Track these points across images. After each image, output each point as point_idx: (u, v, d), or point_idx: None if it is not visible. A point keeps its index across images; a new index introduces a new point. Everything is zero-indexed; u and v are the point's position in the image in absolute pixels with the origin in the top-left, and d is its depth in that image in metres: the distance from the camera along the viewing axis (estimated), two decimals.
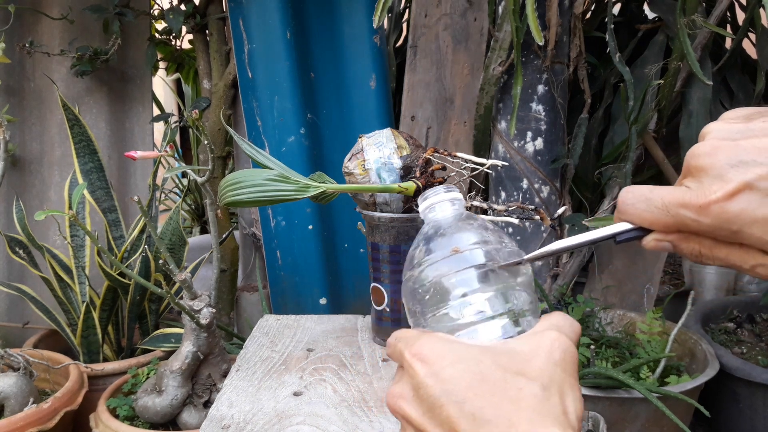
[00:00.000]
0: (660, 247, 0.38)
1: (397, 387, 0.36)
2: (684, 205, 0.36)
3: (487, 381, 0.33)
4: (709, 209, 0.35)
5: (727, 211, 0.34)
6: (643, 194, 0.37)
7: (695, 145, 0.37)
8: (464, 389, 0.33)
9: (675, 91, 1.73)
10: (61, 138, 1.81)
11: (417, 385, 0.35)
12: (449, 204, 0.46)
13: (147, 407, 1.19)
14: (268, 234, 1.80)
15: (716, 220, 0.35)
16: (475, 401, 0.32)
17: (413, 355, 0.36)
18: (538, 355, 0.35)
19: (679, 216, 0.36)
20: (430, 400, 0.34)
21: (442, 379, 0.34)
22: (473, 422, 0.32)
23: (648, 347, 1.53)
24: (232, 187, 0.76)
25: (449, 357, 0.35)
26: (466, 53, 1.90)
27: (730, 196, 0.34)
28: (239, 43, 1.77)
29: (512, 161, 1.78)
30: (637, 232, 0.39)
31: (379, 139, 0.79)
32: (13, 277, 1.78)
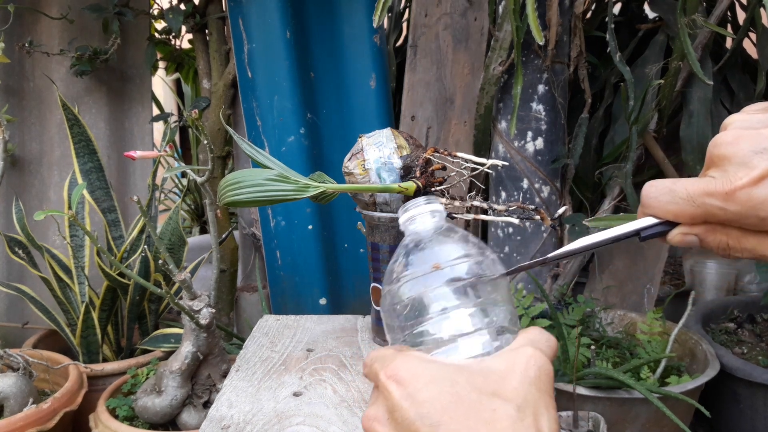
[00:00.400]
0: (686, 241, 0.37)
1: (372, 409, 0.36)
2: (710, 193, 0.35)
3: (462, 403, 0.33)
4: (735, 196, 0.34)
5: (754, 196, 0.34)
6: (666, 186, 0.37)
7: (717, 135, 0.36)
8: (439, 412, 0.33)
9: (675, 90, 1.73)
10: (61, 138, 1.81)
11: (392, 408, 0.34)
12: (429, 216, 0.45)
13: (146, 407, 1.19)
14: (268, 234, 1.80)
15: (743, 207, 0.34)
16: (450, 425, 0.32)
17: (388, 377, 0.35)
18: (514, 374, 0.34)
19: (705, 205, 0.35)
20: (405, 423, 0.33)
21: (417, 402, 0.33)
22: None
23: (648, 347, 1.53)
24: (231, 187, 0.76)
25: (423, 378, 0.34)
26: (466, 53, 1.89)
27: (756, 181, 0.34)
28: (239, 42, 1.77)
29: (512, 161, 1.78)
30: (662, 227, 0.38)
31: (379, 139, 0.79)
32: (12, 277, 1.78)
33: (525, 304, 1.55)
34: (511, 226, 1.81)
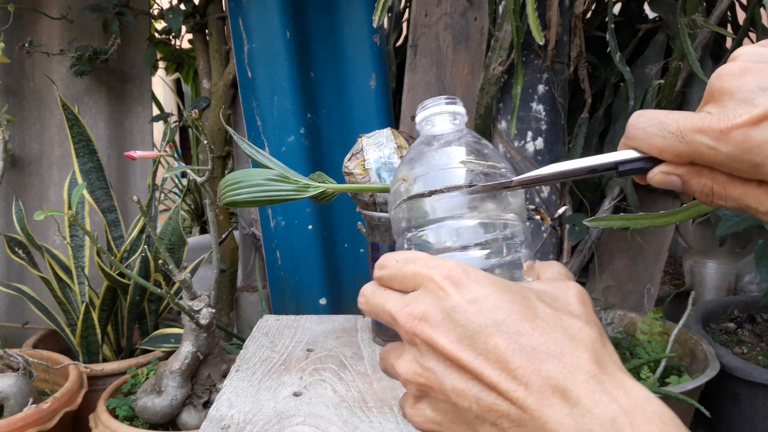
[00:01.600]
0: (667, 181, 0.34)
1: (417, 306, 0.31)
2: (702, 130, 0.31)
3: (539, 316, 0.30)
4: (730, 135, 0.30)
5: (751, 138, 0.30)
6: (656, 117, 0.33)
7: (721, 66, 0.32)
8: (517, 321, 0.29)
9: (676, 90, 1.73)
10: (61, 138, 1.81)
11: (450, 309, 0.30)
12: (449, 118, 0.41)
13: (146, 407, 1.19)
14: (268, 234, 1.80)
15: (737, 148, 0.30)
16: (533, 334, 0.29)
17: (445, 277, 0.31)
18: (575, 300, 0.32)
19: (694, 143, 0.31)
20: (473, 326, 0.29)
21: (486, 307, 0.29)
22: (533, 356, 0.28)
23: (648, 347, 1.53)
24: (231, 187, 0.76)
25: (489, 285, 0.30)
26: (466, 53, 1.89)
27: (756, 121, 0.30)
28: (239, 42, 1.77)
29: (512, 161, 1.78)
30: (643, 162, 0.34)
31: (379, 139, 0.79)
32: (12, 277, 1.77)
33: None
34: None
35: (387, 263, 0.34)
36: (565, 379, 0.27)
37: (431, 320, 0.30)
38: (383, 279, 0.34)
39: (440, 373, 0.30)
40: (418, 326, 0.30)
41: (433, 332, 0.30)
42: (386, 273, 0.34)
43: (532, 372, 0.28)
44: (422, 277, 0.32)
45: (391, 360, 0.33)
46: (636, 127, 0.33)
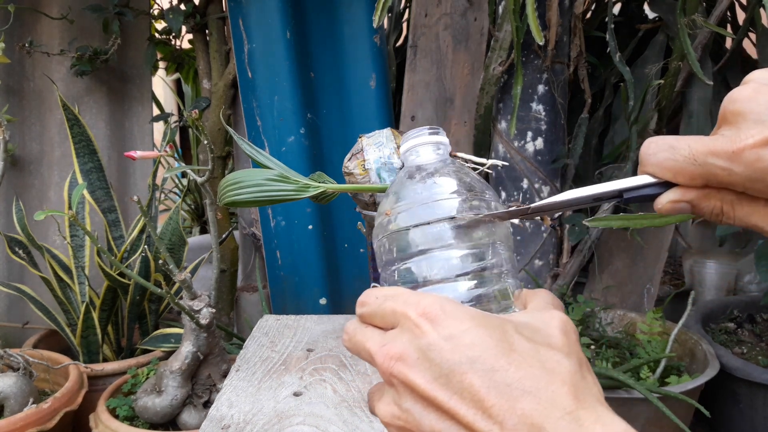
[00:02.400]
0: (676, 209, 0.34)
1: (394, 346, 0.31)
2: (714, 152, 0.31)
3: (516, 350, 0.29)
4: (742, 155, 0.30)
5: (764, 158, 0.30)
6: (668, 142, 0.33)
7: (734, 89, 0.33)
8: (493, 356, 0.29)
9: (675, 90, 1.73)
10: (61, 138, 1.81)
11: (426, 347, 0.30)
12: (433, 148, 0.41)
13: (147, 407, 1.19)
14: (268, 234, 1.80)
15: (750, 168, 0.30)
16: (509, 370, 0.28)
17: (421, 314, 0.30)
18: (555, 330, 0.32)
19: (707, 165, 0.31)
20: (447, 365, 0.29)
21: (463, 344, 0.29)
22: (507, 393, 0.28)
23: (648, 347, 1.53)
24: (231, 187, 0.76)
25: (464, 319, 0.30)
26: (466, 53, 1.90)
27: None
28: (239, 42, 1.77)
29: (512, 161, 1.78)
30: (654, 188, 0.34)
31: (379, 139, 0.79)
32: (12, 277, 1.78)
33: None
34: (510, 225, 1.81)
35: (367, 300, 0.34)
36: (541, 416, 0.27)
37: (407, 360, 0.30)
38: (364, 316, 0.34)
39: (418, 414, 0.30)
40: (394, 366, 0.30)
41: (409, 372, 0.30)
42: (366, 310, 0.34)
43: (507, 410, 0.27)
44: (399, 315, 0.31)
45: (373, 401, 0.33)
46: (647, 153, 0.34)
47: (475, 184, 0.39)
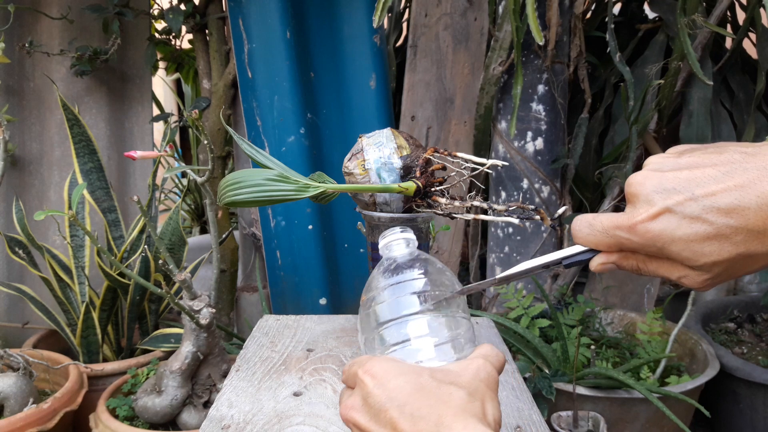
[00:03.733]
0: (606, 269, 0.45)
1: (350, 399, 0.43)
2: (618, 226, 0.42)
3: (424, 389, 0.41)
4: (636, 228, 0.41)
5: (650, 230, 0.40)
6: (587, 220, 0.44)
7: (632, 174, 0.42)
8: (405, 396, 0.40)
9: (675, 90, 1.73)
10: (61, 138, 1.81)
11: (366, 395, 0.42)
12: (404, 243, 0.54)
13: (147, 407, 1.19)
14: (268, 234, 1.80)
15: (643, 238, 0.41)
16: (414, 404, 0.40)
17: (365, 372, 0.43)
18: (467, 373, 0.43)
19: (616, 236, 0.42)
20: (377, 406, 0.41)
21: (387, 389, 0.41)
22: (411, 420, 0.39)
23: (648, 347, 1.53)
24: (231, 187, 0.76)
25: (393, 372, 0.42)
26: (466, 53, 1.90)
27: (653, 217, 0.40)
28: (239, 42, 1.77)
29: (512, 161, 1.78)
30: (586, 254, 0.45)
31: (379, 139, 0.79)
32: (12, 277, 1.78)
33: (525, 304, 1.56)
34: (511, 226, 1.81)
35: (345, 369, 0.47)
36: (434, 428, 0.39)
37: (355, 407, 0.43)
38: (344, 380, 0.47)
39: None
40: (348, 413, 0.43)
41: (356, 415, 0.42)
42: (344, 377, 0.46)
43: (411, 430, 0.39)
44: (353, 375, 0.44)
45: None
46: (574, 229, 0.45)
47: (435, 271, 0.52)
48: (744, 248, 0.38)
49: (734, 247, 0.38)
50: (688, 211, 0.39)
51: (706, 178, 0.39)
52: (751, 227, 0.38)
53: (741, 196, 0.37)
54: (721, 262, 0.39)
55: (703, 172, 0.39)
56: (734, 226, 0.38)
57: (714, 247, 0.39)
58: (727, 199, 0.38)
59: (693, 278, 0.41)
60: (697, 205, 0.39)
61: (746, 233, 0.38)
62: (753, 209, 0.37)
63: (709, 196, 0.38)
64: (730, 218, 0.38)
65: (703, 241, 0.39)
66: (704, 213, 0.38)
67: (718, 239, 0.38)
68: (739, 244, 0.38)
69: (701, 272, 0.41)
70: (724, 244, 0.38)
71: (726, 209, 0.38)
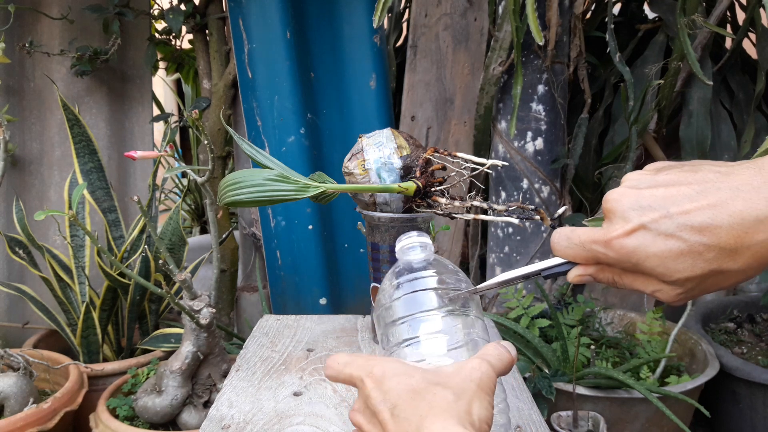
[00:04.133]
0: (583, 280, 0.46)
1: (356, 402, 0.46)
2: (595, 241, 0.43)
3: (414, 390, 0.42)
4: (611, 244, 0.42)
5: (626, 245, 0.42)
6: (565, 234, 0.46)
7: (609, 191, 0.44)
8: (396, 397, 0.42)
9: (675, 91, 1.73)
10: (61, 138, 1.81)
11: (366, 398, 0.44)
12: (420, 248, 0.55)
13: (147, 407, 1.19)
14: (268, 234, 1.80)
15: (618, 253, 0.42)
16: (403, 405, 0.41)
17: (366, 375, 0.44)
18: (459, 374, 0.43)
19: (592, 250, 0.44)
20: (373, 408, 0.42)
21: (382, 391, 0.43)
22: (397, 421, 0.41)
23: (648, 347, 1.53)
24: (232, 187, 0.76)
25: (389, 373, 0.43)
26: (466, 53, 1.90)
27: (628, 233, 0.41)
28: (239, 43, 1.77)
29: (512, 161, 1.78)
30: (564, 266, 0.47)
31: (379, 139, 0.79)
32: (13, 277, 1.78)
33: (525, 304, 1.56)
34: (510, 226, 1.81)
35: (332, 365, 0.47)
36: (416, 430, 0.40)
37: (359, 409, 0.45)
38: (330, 377, 0.48)
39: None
40: (353, 416, 0.46)
41: (358, 417, 0.45)
42: (331, 373, 0.47)
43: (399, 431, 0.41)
44: (354, 378, 0.45)
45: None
46: (553, 242, 0.46)
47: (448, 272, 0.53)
48: (716, 265, 0.40)
49: (706, 263, 0.40)
50: (663, 228, 0.40)
51: (680, 196, 0.40)
52: (722, 245, 0.39)
53: (714, 215, 0.39)
54: (693, 278, 0.41)
55: (678, 190, 0.40)
56: (707, 243, 0.39)
57: (687, 264, 0.40)
58: (700, 218, 0.39)
59: (666, 292, 0.43)
60: (672, 223, 0.40)
61: (718, 251, 0.39)
62: (725, 228, 0.38)
63: (683, 214, 0.40)
64: (703, 236, 0.39)
65: (676, 257, 0.40)
66: (678, 231, 0.40)
67: (691, 256, 0.40)
68: (711, 261, 0.40)
69: (674, 287, 0.42)
70: (697, 260, 0.40)
71: (699, 227, 0.39)
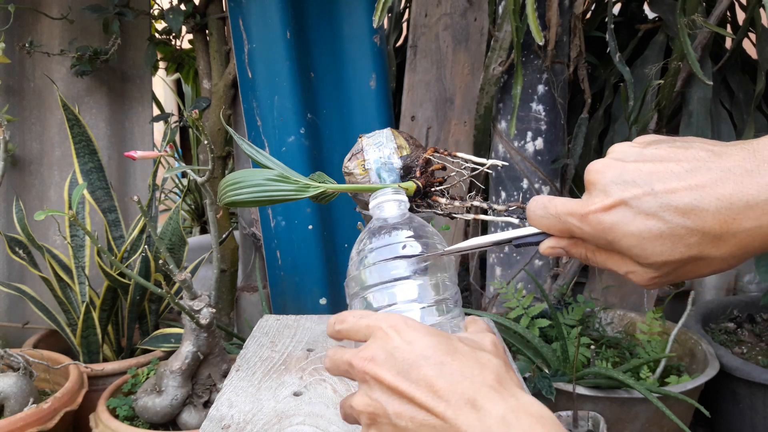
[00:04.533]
0: (554, 253, 0.44)
1: (367, 351, 0.39)
2: (571, 213, 0.41)
3: (458, 351, 0.38)
4: (588, 218, 0.40)
5: (603, 221, 0.39)
6: (542, 202, 0.43)
7: (593, 161, 0.41)
8: (441, 355, 0.37)
9: (675, 90, 1.73)
10: (61, 138, 1.81)
11: (392, 349, 0.38)
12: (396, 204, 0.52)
13: (147, 407, 1.19)
14: (268, 234, 1.80)
15: (594, 229, 0.40)
16: (453, 364, 0.37)
17: (390, 326, 0.39)
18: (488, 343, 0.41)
19: (567, 223, 0.41)
20: (408, 362, 0.37)
21: (419, 346, 0.38)
22: (451, 379, 0.36)
23: (648, 347, 1.53)
24: (231, 187, 0.76)
25: (422, 331, 0.39)
26: (466, 53, 1.90)
27: (607, 208, 0.39)
28: (239, 43, 1.77)
29: (512, 161, 1.78)
30: (537, 237, 0.45)
31: (379, 139, 0.79)
32: (13, 277, 1.78)
33: (525, 304, 1.56)
34: (510, 226, 1.81)
35: (345, 318, 0.43)
36: (474, 393, 0.36)
37: (377, 359, 0.38)
38: (342, 331, 0.43)
39: (384, 401, 0.38)
40: (367, 365, 0.39)
41: (378, 369, 0.38)
42: (345, 326, 0.43)
43: (451, 391, 0.36)
44: (373, 327, 0.40)
45: (347, 401, 0.41)
46: (530, 210, 0.44)
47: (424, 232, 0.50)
48: (697, 251, 0.37)
49: (687, 248, 0.37)
50: (645, 207, 0.37)
51: (667, 173, 0.37)
52: (707, 230, 0.36)
53: (700, 197, 0.36)
54: (671, 263, 0.38)
55: (665, 166, 0.38)
56: (689, 227, 0.37)
57: (666, 247, 0.38)
58: (685, 199, 0.37)
59: (640, 275, 0.40)
60: (655, 201, 0.37)
61: (701, 236, 0.37)
62: (711, 212, 0.36)
63: (668, 193, 0.37)
64: (687, 219, 0.37)
65: (655, 239, 0.38)
66: (660, 210, 0.37)
67: (671, 239, 0.37)
68: (693, 246, 0.37)
69: (650, 270, 0.40)
70: (677, 244, 0.37)
71: (683, 209, 0.37)
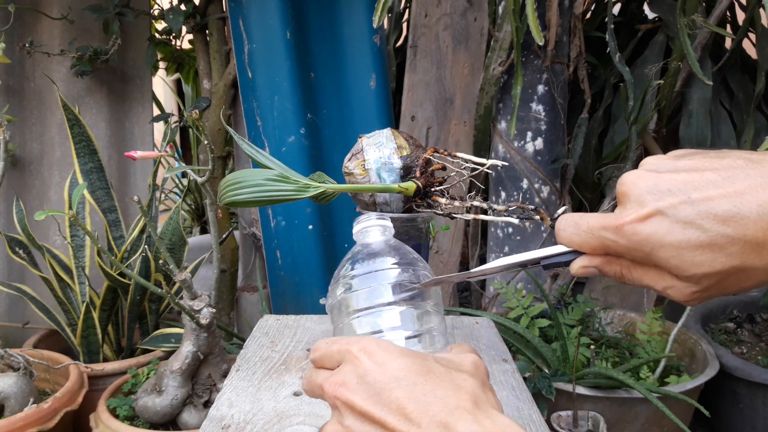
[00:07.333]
0: (587, 273, 0.42)
1: (338, 376, 0.38)
2: (605, 227, 0.39)
3: (432, 371, 0.37)
4: (623, 230, 0.38)
5: (639, 232, 0.37)
6: (573, 219, 0.41)
7: (625, 173, 0.40)
8: (414, 376, 0.36)
9: (675, 91, 1.73)
10: (61, 138, 1.81)
11: (364, 373, 0.37)
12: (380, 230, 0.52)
13: (147, 407, 1.19)
14: (268, 234, 1.80)
15: (630, 241, 0.38)
16: (425, 385, 0.36)
17: (360, 350, 0.38)
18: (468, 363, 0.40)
19: (601, 237, 0.39)
20: (378, 385, 0.36)
21: (390, 369, 0.37)
22: (423, 401, 0.35)
23: (648, 347, 1.53)
24: (232, 187, 0.76)
25: (393, 352, 0.38)
26: (466, 53, 1.90)
27: (643, 218, 0.37)
28: (239, 43, 1.77)
29: (512, 161, 1.78)
30: (568, 256, 0.42)
31: (379, 139, 0.79)
32: (13, 277, 1.78)
33: (525, 304, 1.56)
34: (510, 226, 1.81)
35: (319, 347, 0.42)
36: (447, 416, 0.35)
37: (348, 385, 0.37)
38: (316, 360, 0.42)
39: (355, 428, 0.37)
40: (338, 390, 0.38)
41: (349, 394, 0.37)
42: (318, 354, 0.42)
43: (422, 414, 0.35)
44: (344, 352, 0.39)
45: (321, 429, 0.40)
46: (558, 228, 0.42)
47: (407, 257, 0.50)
48: (738, 261, 0.35)
49: (728, 258, 0.35)
50: (682, 215, 0.36)
51: (704, 181, 0.36)
52: (749, 238, 0.35)
53: (741, 204, 0.35)
54: (712, 275, 0.36)
55: (701, 175, 0.36)
56: (730, 235, 0.35)
57: (706, 257, 0.36)
58: (725, 206, 0.35)
59: (680, 290, 0.38)
60: (693, 210, 0.36)
61: (743, 244, 0.35)
62: (752, 219, 0.34)
63: (706, 201, 0.35)
64: (727, 227, 0.35)
65: (694, 249, 0.36)
66: (699, 218, 0.35)
67: (711, 248, 0.35)
68: (734, 255, 0.35)
69: (689, 284, 0.38)
70: (718, 254, 0.35)
71: (723, 217, 0.35)
